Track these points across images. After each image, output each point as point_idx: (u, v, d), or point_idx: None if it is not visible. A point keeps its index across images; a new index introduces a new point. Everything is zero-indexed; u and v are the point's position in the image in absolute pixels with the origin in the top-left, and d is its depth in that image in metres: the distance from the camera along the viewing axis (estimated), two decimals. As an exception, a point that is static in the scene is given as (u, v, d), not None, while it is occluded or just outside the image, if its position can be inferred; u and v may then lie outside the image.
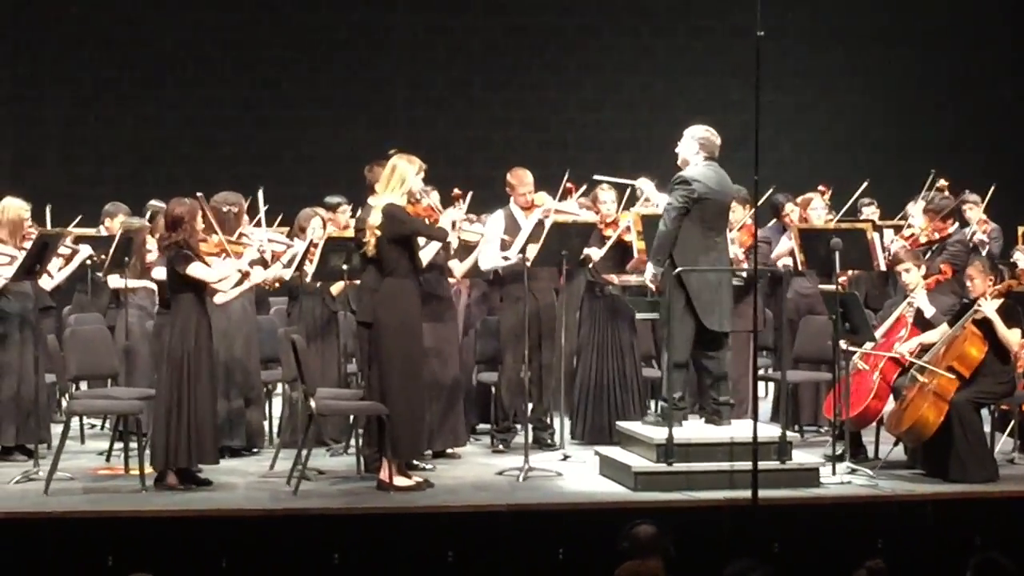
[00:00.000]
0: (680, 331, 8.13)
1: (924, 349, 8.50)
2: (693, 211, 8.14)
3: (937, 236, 9.56)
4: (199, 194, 8.35)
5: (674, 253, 8.11)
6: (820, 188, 10.42)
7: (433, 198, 8.74)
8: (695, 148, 8.27)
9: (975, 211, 10.82)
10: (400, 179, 8.04)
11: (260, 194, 9.03)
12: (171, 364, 7.87)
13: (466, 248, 9.22)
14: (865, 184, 10.95)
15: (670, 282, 8.11)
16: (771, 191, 10.23)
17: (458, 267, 9.27)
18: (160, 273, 8.75)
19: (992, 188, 10.96)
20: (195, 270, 7.90)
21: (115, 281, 9.50)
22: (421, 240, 8.26)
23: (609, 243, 9.32)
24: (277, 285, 9.36)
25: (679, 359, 8.18)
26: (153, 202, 10.32)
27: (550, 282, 9.38)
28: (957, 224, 9.81)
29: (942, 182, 10.78)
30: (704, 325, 8.13)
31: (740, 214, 9.71)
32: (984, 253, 9.99)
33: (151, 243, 9.18)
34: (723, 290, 8.24)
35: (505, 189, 9.39)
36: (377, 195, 8.27)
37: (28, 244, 8.72)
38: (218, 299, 8.30)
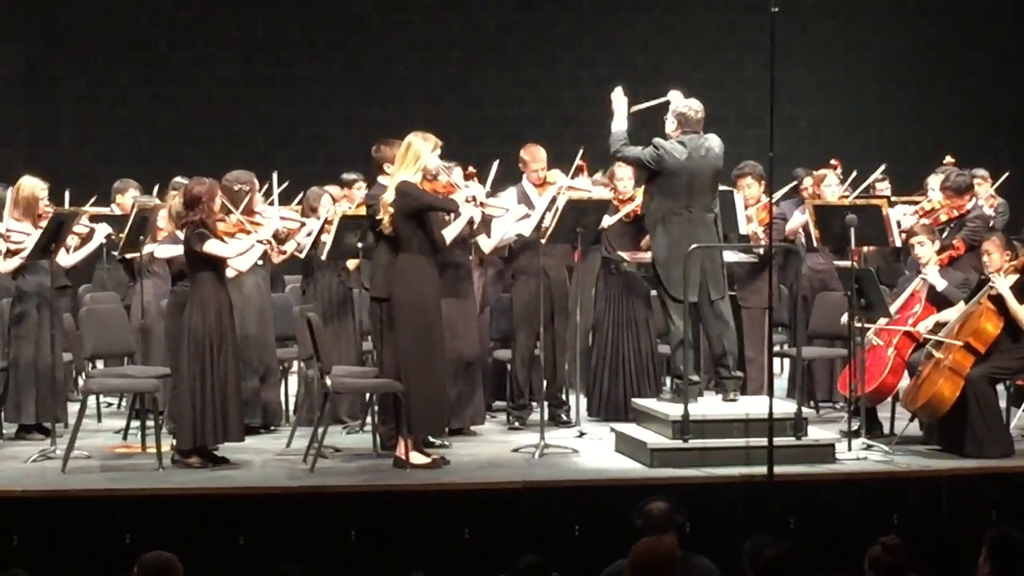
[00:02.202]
0: (673, 309, 8.24)
1: (940, 327, 8.48)
2: (658, 182, 8.29)
3: (956, 213, 9.53)
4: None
5: (645, 221, 8.50)
6: (832, 162, 10.39)
7: (455, 175, 8.73)
8: (674, 123, 8.38)
9: (984, 186, 10.80)
10: (415, 156, 8.04)
11: (275, 176, 9.04)
12: (193, 343, 7.88)
13: (489, 224, 9.20)
14: (883, 167, 10.91)
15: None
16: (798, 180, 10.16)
17: (486, 243, 9.25)
18: (163, 251, 8.77)
19: (1006, 175, 10.92)
20: (212, 247, 7.91)
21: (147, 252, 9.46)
22: (445, 217, 8.26)
23: (619, 214, 9.31)
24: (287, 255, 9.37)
25: (678, 337, 8.25)
26: (178, 179, 10.29)
27: (562, 259, 9.39)
28: (975, 200, 9.78)
29: (949, 158, 10.76)
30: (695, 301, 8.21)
31: (756, 190, 9.71)
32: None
33: (161, 220, 9.19)
34: (697, 261, 8.17)
35: (518, 166, 9.39)
36: (387, 173, 8.27)
37: (44, 223, 8.75)
38: (229, 272, 8.30)
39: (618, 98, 8.60)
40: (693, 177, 8.26)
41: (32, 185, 9.04)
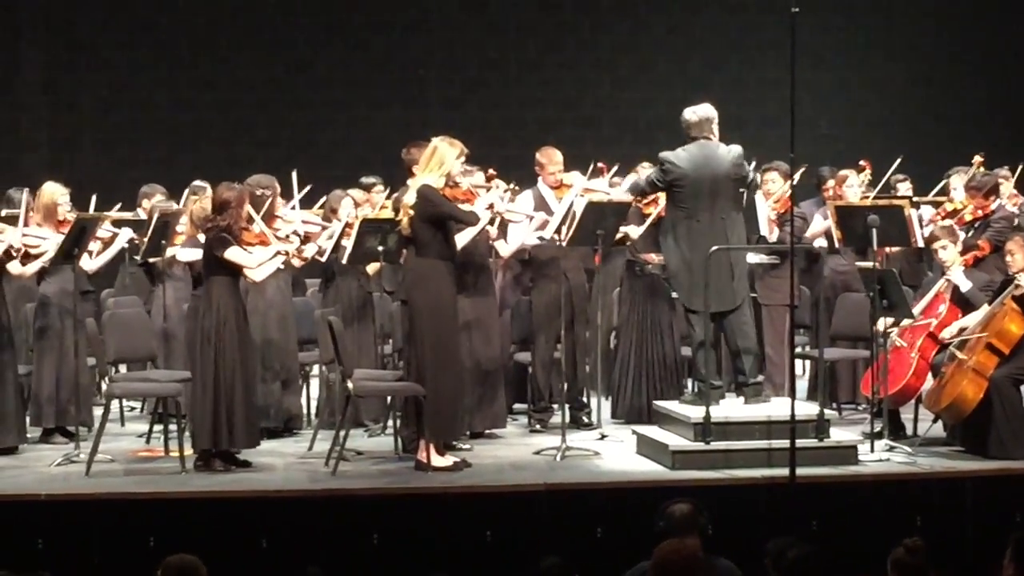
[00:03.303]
0: (692, 315, 8.25)
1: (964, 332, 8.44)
2: (672, 194, 8.30)
3: (981, 213, 9.50)
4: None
5: (660, 237, 8.47)
6: (861, 163, 10.34)
7: (476, 179, 8.74)
8: (684, 130, 8.38)
9: (1006, 185, 10.76)
10: (439, 161, 8.04)
11: (294, 176, 9.05)
12: (204, 347, 7.90)
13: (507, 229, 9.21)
14: (899, 160, 10.86)
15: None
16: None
17: (504, 248, 9.25)
18: (185, 255, 8.78)
19: (1021, 167, 10.85)
20: (233, 254, 7.92)
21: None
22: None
23: (649, 221, 9.30)
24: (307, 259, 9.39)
25: (699, 338, 8.23)
26: (197, 183, 10.32)
27: (581, 262, 9.39)
28: (999, 201, 9.74)
29: (978, 157, 10.72)
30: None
31: (780, 186, 9.73)
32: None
33: (181, 224, 9.20)
34: (708, 270, 8.11)
35: (534, 168, 9.39)
36: (416, 176, 8.28)
37: (66, 229, 8.78)
38: (253, 276, 8.31)
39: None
40: (699, 184, 8.22)
41: (52, 191, 9.08)
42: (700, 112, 8.35)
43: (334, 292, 9.45)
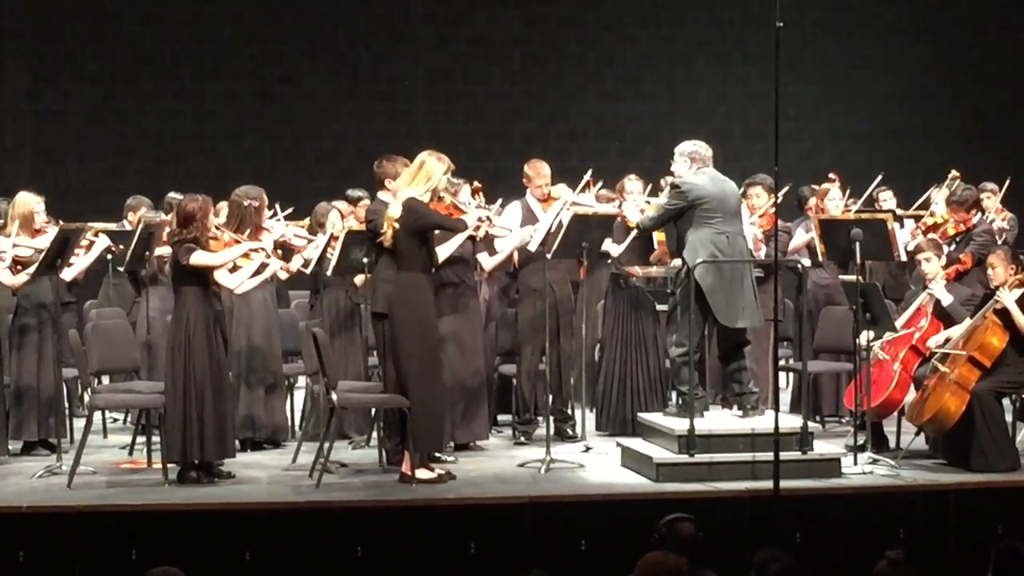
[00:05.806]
0: (686, 325, 8.19)
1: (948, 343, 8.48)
2: (697, 212, 8.25)
3: (963, 227, 9.54)
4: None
5: (685, 254, 8.26)
6: (831, 176, 10.37)
7: (464, 193, 8.74)
8: (687, 164, 8.42)
9: (992, 200, 10.81)
10: (427, 175, 8.02)
11: (278, 209, 9.09)
12: (175, 358, 7.88)
13: (493, 243, 9.22)
14: (880, 177, 10.89)
15: (683, 279, 8.23)
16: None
17: (487, 261, 9.26)
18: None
19: (1008, 182, 10.91)
20: (198, 258, 7.85)
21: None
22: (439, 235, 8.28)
23: (632, 236, 9.31)
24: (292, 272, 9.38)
25: (684, 352, 8.21)
26: (172, 195, 10.32)
27: (567, 274, 9.39)
28: (980, 215, 9.78)
29: (954, 172, 10.77)
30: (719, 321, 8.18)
31: (764, 200, 9.73)
32: (999, 241, 9.96)
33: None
34: (738, 284, 8.22)
35: (522, 181, 9.40)
36: (388, 190, 8.28)
37: (42, 239, 8.76)
38: (237, 288, 8.29)
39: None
40: (723, 200, 8.31)
41: (28, 200, 9.05)
42: (705, 146, 8.45)
43: (321, 304, 9.44)
